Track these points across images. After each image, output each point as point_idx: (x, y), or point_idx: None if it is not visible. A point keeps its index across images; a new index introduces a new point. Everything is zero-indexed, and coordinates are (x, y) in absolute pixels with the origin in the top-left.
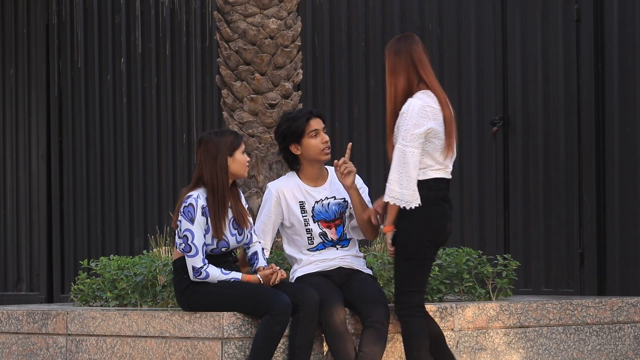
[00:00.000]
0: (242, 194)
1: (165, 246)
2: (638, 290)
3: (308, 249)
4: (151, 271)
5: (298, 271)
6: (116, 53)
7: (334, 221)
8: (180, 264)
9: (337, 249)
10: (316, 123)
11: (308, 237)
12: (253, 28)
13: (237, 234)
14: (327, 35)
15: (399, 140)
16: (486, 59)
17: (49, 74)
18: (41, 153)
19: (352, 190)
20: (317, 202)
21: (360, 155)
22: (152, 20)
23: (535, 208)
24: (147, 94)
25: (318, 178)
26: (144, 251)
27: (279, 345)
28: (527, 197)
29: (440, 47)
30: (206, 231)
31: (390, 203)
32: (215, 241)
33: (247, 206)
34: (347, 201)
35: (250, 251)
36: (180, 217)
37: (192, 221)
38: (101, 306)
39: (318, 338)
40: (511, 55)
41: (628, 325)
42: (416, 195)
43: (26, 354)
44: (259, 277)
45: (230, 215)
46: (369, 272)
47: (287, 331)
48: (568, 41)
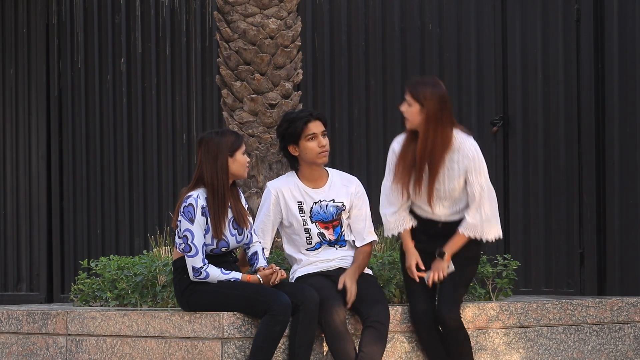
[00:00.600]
0: (242, 194)
1: (165, 246)
2: (638, 290)
3: (307, 249)
4: (151, 271)
5: (298, 271)
6: (116, 53)
7: (332, 222)
8: (180, 264)
9: (337, 249)
10: (315, 126)
11: (307, 237)
12: (253, 28)
13: (237, 234)
14: (327, 35)
15: (483, 179)
16: (486, 59)
17: (49, 74)
18: (41, 153)
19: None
20: (316, 203)
21: (360, 155)
22: (152, 20)
23: (535, 208)
24: (147, 94)
25: (317, 179)
26: (144, 251)
27: (279, 345)
28: (527, 197)
29: (440, 47)
30: (206, 231)
31: (465, 235)
32: (215, 241)
33: (247, 206)
34: (345, 205)
35: (250, 251)
36: (180, 217)
37: (192, 221)
38: (101, 306)
39: (318, 338)
40: (511, 55)
41: (628, 325)
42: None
43: (26, 354)
44: (259, 277)
45: (230, 215)
46: (369, 272)
47: (287, 331)
48: (568, 41)
